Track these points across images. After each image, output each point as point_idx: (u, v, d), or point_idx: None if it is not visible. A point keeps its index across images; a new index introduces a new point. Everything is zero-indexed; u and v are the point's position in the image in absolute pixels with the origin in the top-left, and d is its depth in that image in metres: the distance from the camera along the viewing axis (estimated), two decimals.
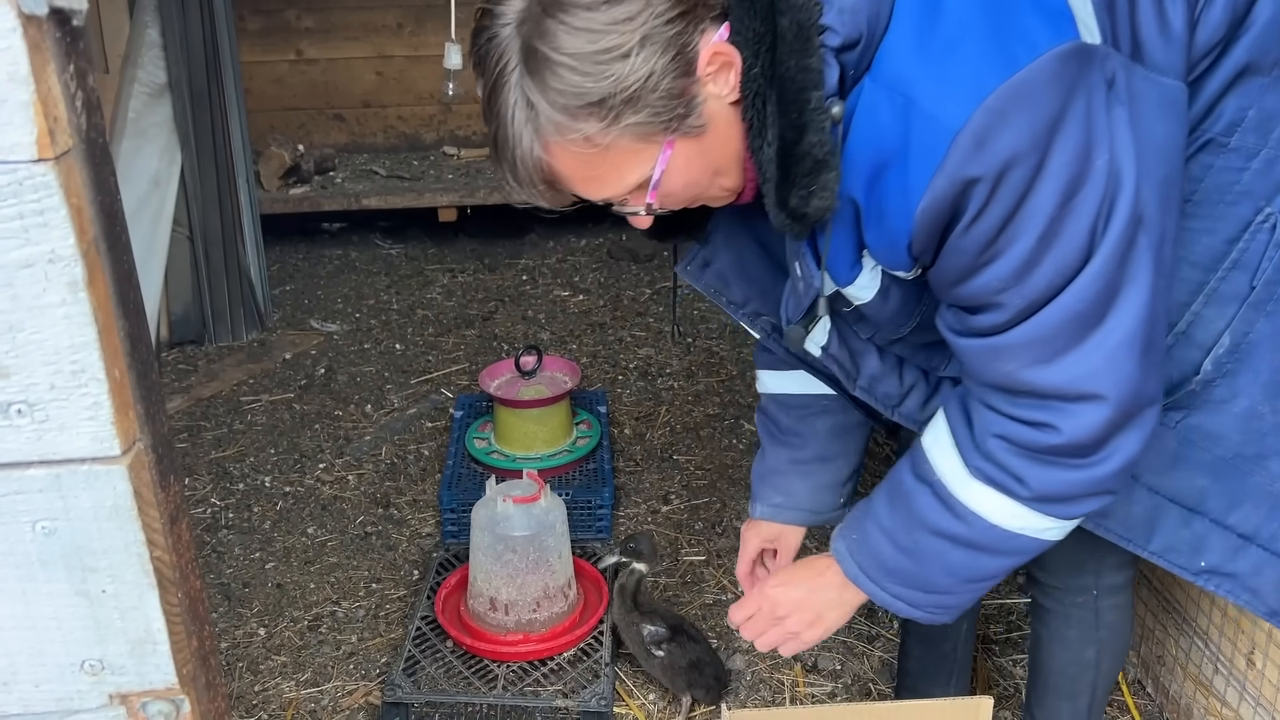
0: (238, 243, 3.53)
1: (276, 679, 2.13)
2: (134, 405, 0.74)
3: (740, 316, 1.42)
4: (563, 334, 3.64)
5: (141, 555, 0.75)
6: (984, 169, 0.99)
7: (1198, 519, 1.30)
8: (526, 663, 1.99)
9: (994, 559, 1.24)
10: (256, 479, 2.83)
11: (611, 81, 1.00)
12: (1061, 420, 1.11)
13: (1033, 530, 1.21)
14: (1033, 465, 1.15)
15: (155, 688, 0.79)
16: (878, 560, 1.29)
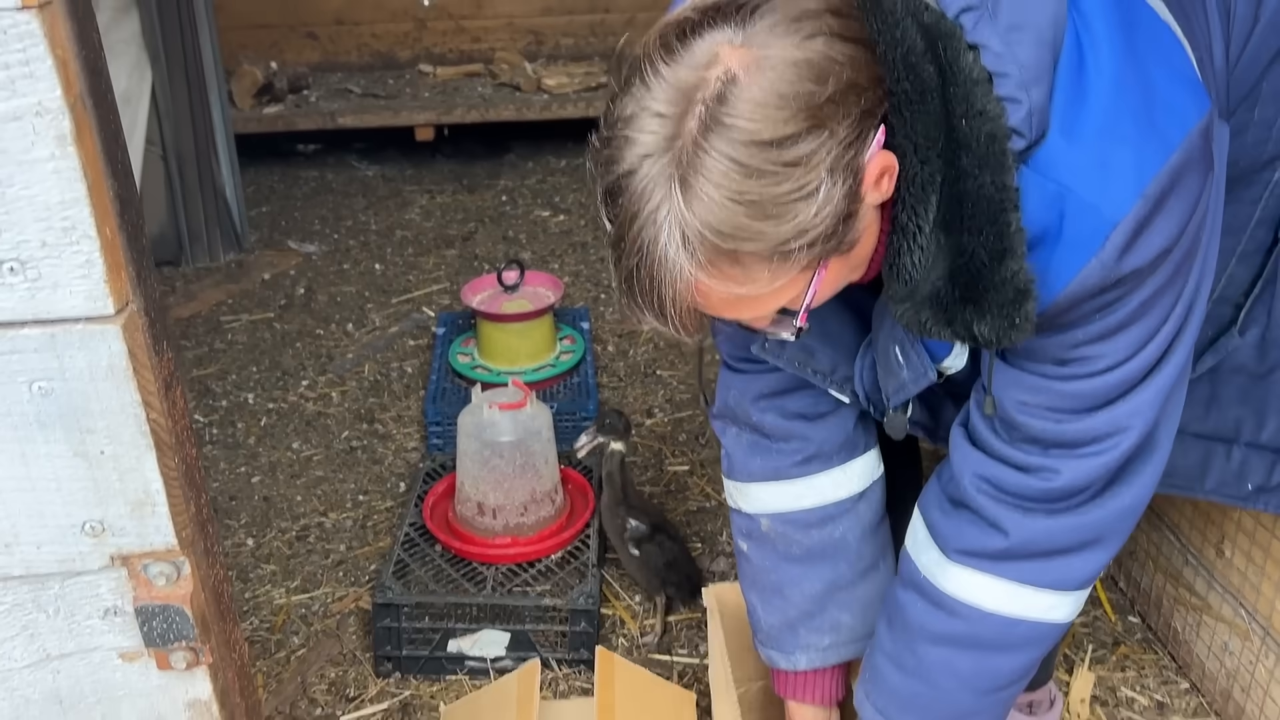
0: (212, 162, 3.48)
1: (266, 586, 2.15)
2: (126, 267, 0.74)
3: (828, 385, 1.27)
4: (544, 253, 3.63)
5: (138, 417, 0.75)
6: (1141, 261, 0.95)
7: (1237, 448, 1.35)
8: (514, 565, 2.02)
9: (1004, 656, 1.15)
10: (239, 396, 2.83)
11: (792, 226, 0.88)
12: (1065, 465, 1.07)
13: (1035, 612, 1.13)
14: (1014, 512, 1.10)
15: (156, 549, 0.80)
16: (892, 694, 1.20)
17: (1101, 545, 1.12)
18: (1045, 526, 1.09)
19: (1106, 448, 1.06)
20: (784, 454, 1.31)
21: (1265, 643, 1.62)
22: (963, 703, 1.17)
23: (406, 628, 1.90)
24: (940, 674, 1.16)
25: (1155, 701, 1.83)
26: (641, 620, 2.04)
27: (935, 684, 1.17)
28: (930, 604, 1.16)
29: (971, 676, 1.16)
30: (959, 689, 1.16)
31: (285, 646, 2.00)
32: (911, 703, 1.19)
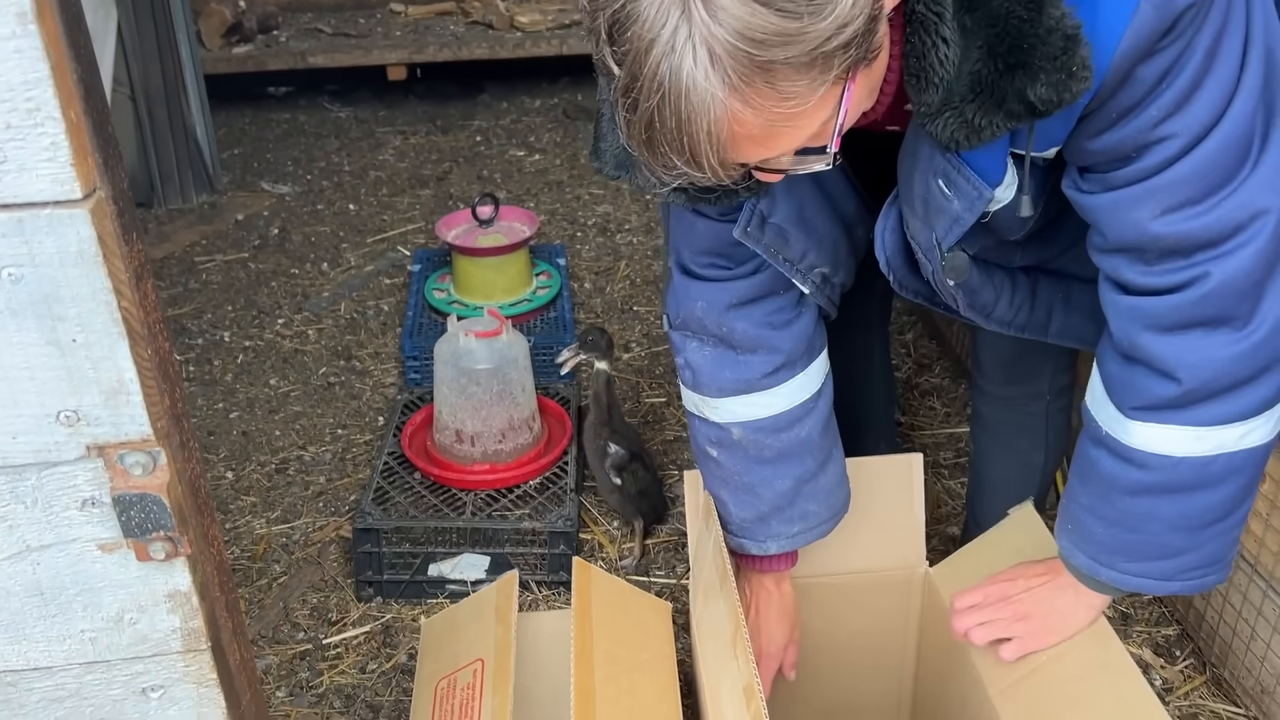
0: (182, 102, 3.44)
1: (247, 517, 2.17)
2: (92, 153, 0.74)
3: (794, 273, 1.26)
4: (519, 192, 3.62)
5: (110, 304, 0.76)
6: (1180, 7, 0.89)
7: None
8: (493, 491, 2.04)
9: (1206, 493, 1.10)
10: (215, 334, 2.82)
11: (830, 23, 0.80)
12: (1211, 266, 1.00)
13: (1228, 445, 1.07)
14: (1179, 343, 1.03)
15: (131, 439, 0.81)
16: (1100, 544, 1.18)
17: (1275, 368, 1.04)
18: (1215, 360, 1.02)
19: (1249, 236, 0.98)
20: (753, 365, 1.31)
21: None
22: (1176, 542, 1.14)
23: (387, 553, 1.92)
24: (1144, 521, 1.13)
25: (1119, 612, 1.88)
26: (620, 544, 2.07)
27: (1141, 530, 1.14)
28: (1119, 459, 1.12)
29: (1177, 519, 1.12)
30: (1167, 531, 1.13)
31: (267, 574, 2.02)
32: (1122, 550, 1.16)
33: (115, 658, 0.90)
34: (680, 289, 1.33)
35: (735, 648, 1.19)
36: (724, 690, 1.20)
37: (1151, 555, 1.15)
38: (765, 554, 1.40)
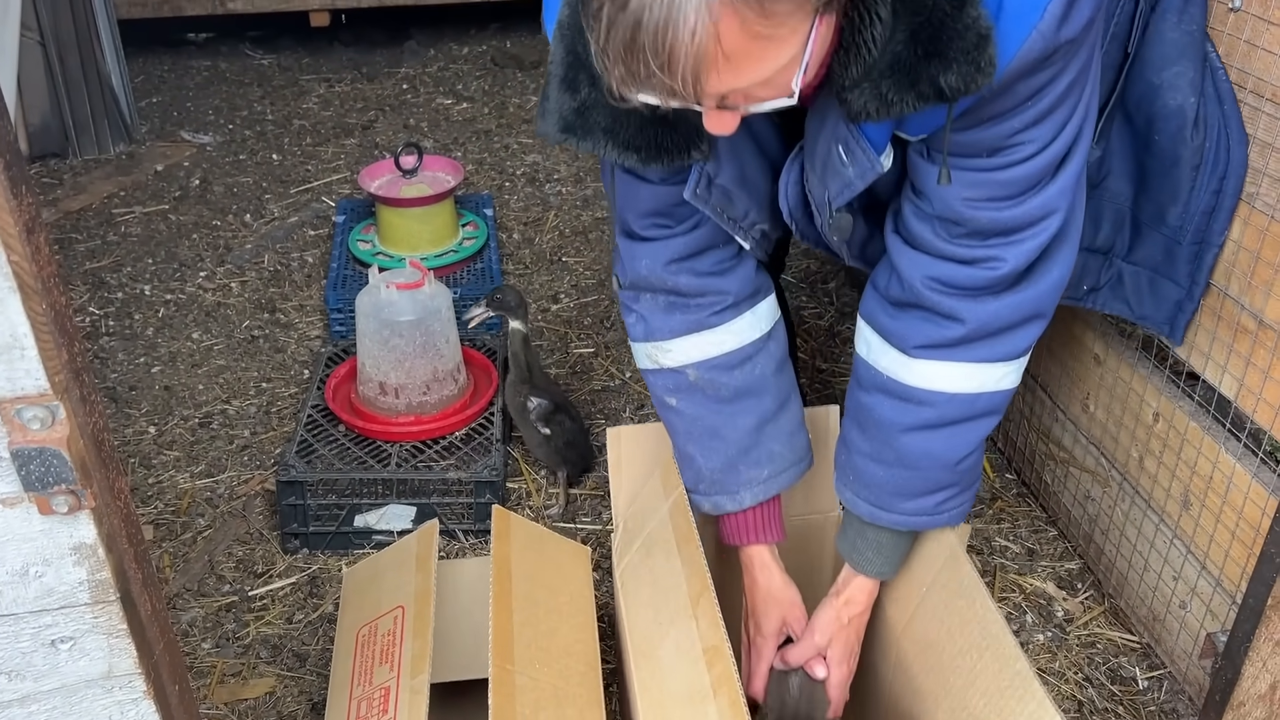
0: (95, 49, 3.33)
1: (170, 472, 2.15)
2: None
3: (736, 231, 1.33)
4: (446, 141, 3.58)
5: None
6: (1073, 32, 1.03)
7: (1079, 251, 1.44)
8: (419, 443, 2.05)
9: (970, 428, 1.27)
10: (135, 288, 2.77)
11: None
12: (1007, 252, 1.17)
13: (990, 384, 1.25)
14: (966, 301, 1.20)
15: (28, 393, 0.81)
16: (880, 487, 1.32)
17: (1040, 318, 1.24)
18: (995, 309, 1.20)
19: (1040, 230, 1.17)
20: (702, 308, 1.37)
21: (1122, 487, 1.74)
22: (942, 478, 1.30)
23: (312, 505, 1.93)
24: (919, 458, 1.28)
25: (1026, 549, 1.96)
26: (545, 491, 2.10)
27: (916, 467, 1.29)
28: (898, 400, 1.27)
29: (946, 452, 1.28)
30: (937, 466, 1.29)
31: (191, 528, 2.02)
32: (899, 489, 1.31)
33: (22, 610, 0.90)
34: (626, 252, 1.38)
35: (696, 608, 1.22)
36: (667, 645, 1.22)
37: (924, 490, 1.31)
38: (741, 507, 1.40)
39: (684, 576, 1.26)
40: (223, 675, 1.71)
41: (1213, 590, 1.54)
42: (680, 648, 1.19)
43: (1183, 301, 1.53)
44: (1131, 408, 1.70)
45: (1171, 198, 1.47)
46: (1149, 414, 1.65)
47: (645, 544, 1.37)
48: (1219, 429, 1.52)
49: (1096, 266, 1.56)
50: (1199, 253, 1.49)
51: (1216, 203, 1.45)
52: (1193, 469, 1.56)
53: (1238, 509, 1.46)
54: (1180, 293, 1.52)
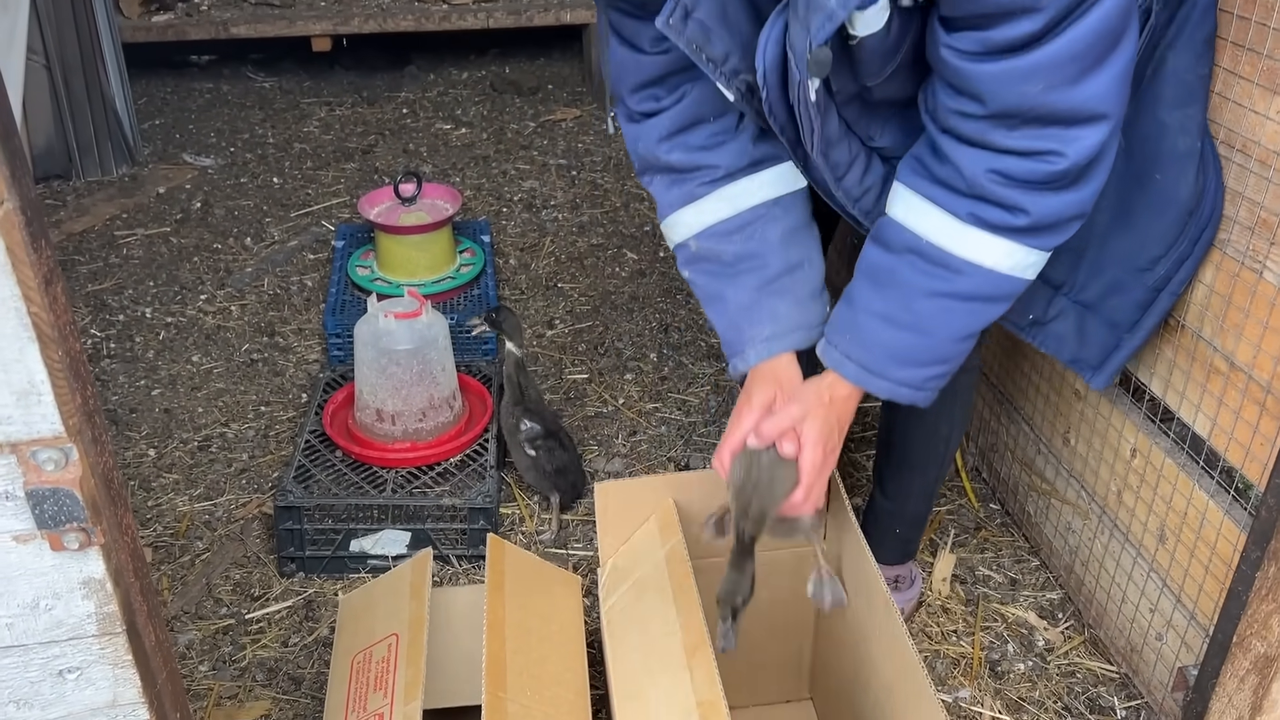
0: (99, 72, 3.38)
1: (170, 494, 2.19)
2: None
3: (718, 76, 1.30)
4: (445, 167, 3.63)
5: (19, 310, 0.80)
6: None
7: None
8: (414, 469, 2.09)
9: (991, 307, 1.28)
10: (136, 310, 2.81)
11: None
12: (1067, 145, 1.15)
13: (1021, 269, 1.26)
14: (1030, 194, 1.19)
15: (43, 436, 0.85)
16: (882, 349, 1.30)
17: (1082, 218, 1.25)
18: (1056, 205, 1.20)
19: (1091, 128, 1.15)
20: (695, 180, 1.40)
21: (1101, 520, 1.79)
22: (946, 351, 1.31)
23: (309, 529, 1.97)
24: (936, 326, 1.28)
25: (1009, 578, 2.00)
26: (539, 516, 2.14)
27: (929, 334, 1.28)
28: (931, 264, 1.26)
29: (961, 326, 1.29)
30: (947, 337, 1.29)
31: (190, 551, 2.05)
32: (901, 354, 1.29)
33: (31, 641, 0.94)
34: (629, 135, 1.43)
35: (692, 659, 1.24)
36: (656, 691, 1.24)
37: (925, 361, 1.30)
38: (749, 366, 1.40)
39: (679, 626, 1.30)
40: (219, 698, 1.75)
41: (1187, 623, 1.58)
42: (671, 696, 1.22)
43: (1118, 348, 1.54)
44: (1111, 443, 1.74)
45: (1158, 240, 1.46)
46: (1127, 449, 1.70)
47: (637, 586, 1.41)
48: (1193, 466, 1.56)
49: (1044, 298, 1.54)
50: (1155, 300, 1.50)
51: (1192, 251, 1.47)
52: (1168, 504, 1.60)
53: (1211, 544, 1.51)
54: (1117, 338, 1.53)
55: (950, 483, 2.23)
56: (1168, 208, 1.44)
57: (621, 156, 3.70)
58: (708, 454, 2.34)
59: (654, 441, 2.38)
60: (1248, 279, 1.40)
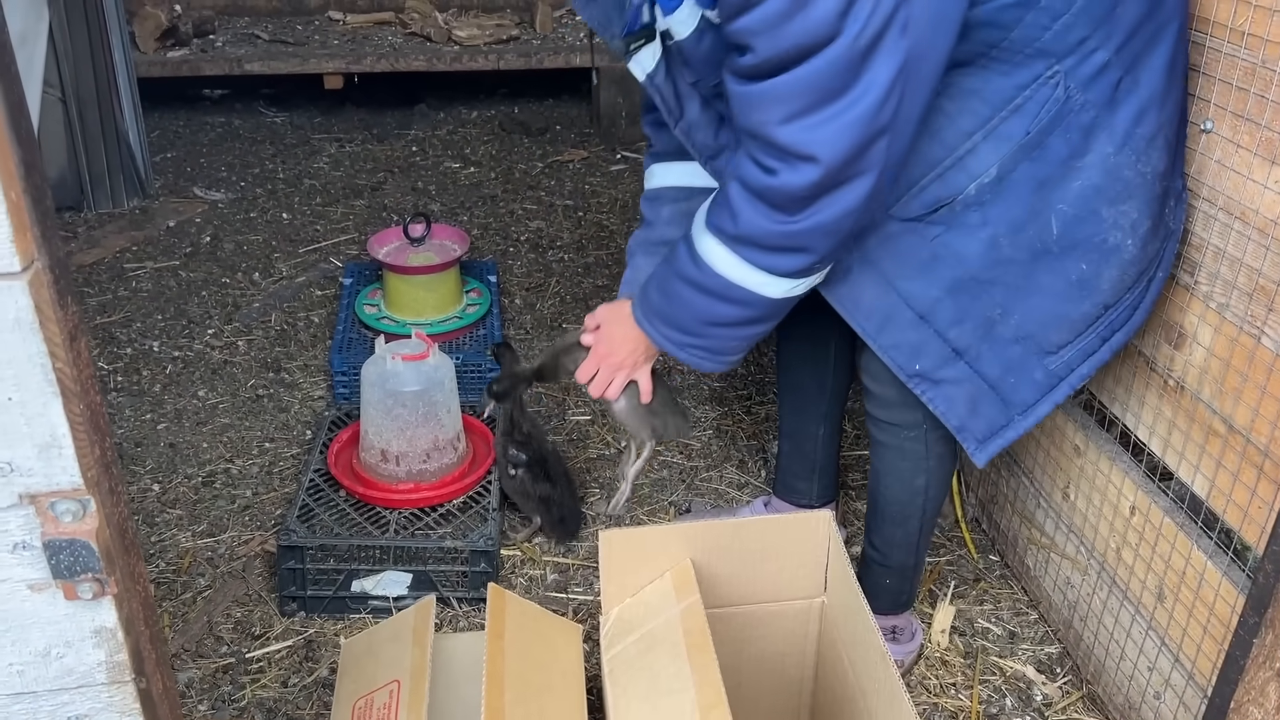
0: (114, 106, 3.43)
1: (173, 530, 2.20)
2: (31, 227, 0.79)
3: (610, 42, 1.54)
4: (453, 205, 3.67)
5: (45, 366, 0.81)
6: None
7: (924, 325, 1.51)
8: (417, 510, 2.10)
9: (723, 305, 1.50)
10: (144, 344, 2.84)
11: None
12: (782, 168, 1.31)
13: (750, 283, 1.45)
14: (746, 203, 1.37)
15: (62, 489, 0.86)
16: (651, 305, 1.60)
17: (803, 253, 1.40)
18: (763, 219, 1.37)
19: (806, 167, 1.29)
20: (648, 150, 1.82)
21: (1100, 576, 1.79)
22: (692, 325, 1.56)
23: (311, 569, 1.97)
24: (679, 303, 1.54)
25: (1008, 631, 2.00)
26: (539, 560, 2.14)
27: (675, 307, 1.56)
28: (688, 254, 1.50)
29: (700, 311, 1.52)
30: (689, 316, 1.54)
31: (191, 588, 2.06)
32: (659, 313, 1.59)
33: (41, 689, 0.95)
34: None
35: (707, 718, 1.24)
36: None
37: (676, 327, 1.58)
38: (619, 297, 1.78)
39: (693, 683, 1.30)
40: None
41: (1185, 683, 1.58)
42: None
43: (1006, 427, 1.56)
44: (1110, 499, 1.75)
45: (1067, 327, 1.48)
46: (1126, 506, 1.71)
47: (645, 640, 1.41)
48: (1192, 526, 1.58)
49: (939, 355, 1.52)
50: (1054, 387, 1.52)
51: (1099, 348, 1.50)
52: (1167, 563, 1.61)
53: (1209, 605, 1.52)
54: (1008, 417, 1.55)
55: (950, 533, 2.24)
56: (1083, 298, 1.47)
57: (628, 198, 3.73)
58: (710, 499, 2.35)
59: (655, 485, 2.39)
60: (1246, 344, 1.42)
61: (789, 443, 2.12)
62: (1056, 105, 1.37)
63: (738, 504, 2.34)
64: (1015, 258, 1.44)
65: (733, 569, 1.53)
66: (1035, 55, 1.35)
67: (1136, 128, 1.40)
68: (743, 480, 2.41)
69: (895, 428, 1.69)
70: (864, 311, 1.54)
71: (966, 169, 1.41)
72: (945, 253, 1.46)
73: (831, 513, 1.53)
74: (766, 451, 2.48)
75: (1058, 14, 1.32)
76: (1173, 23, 1.39)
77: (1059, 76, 1.36)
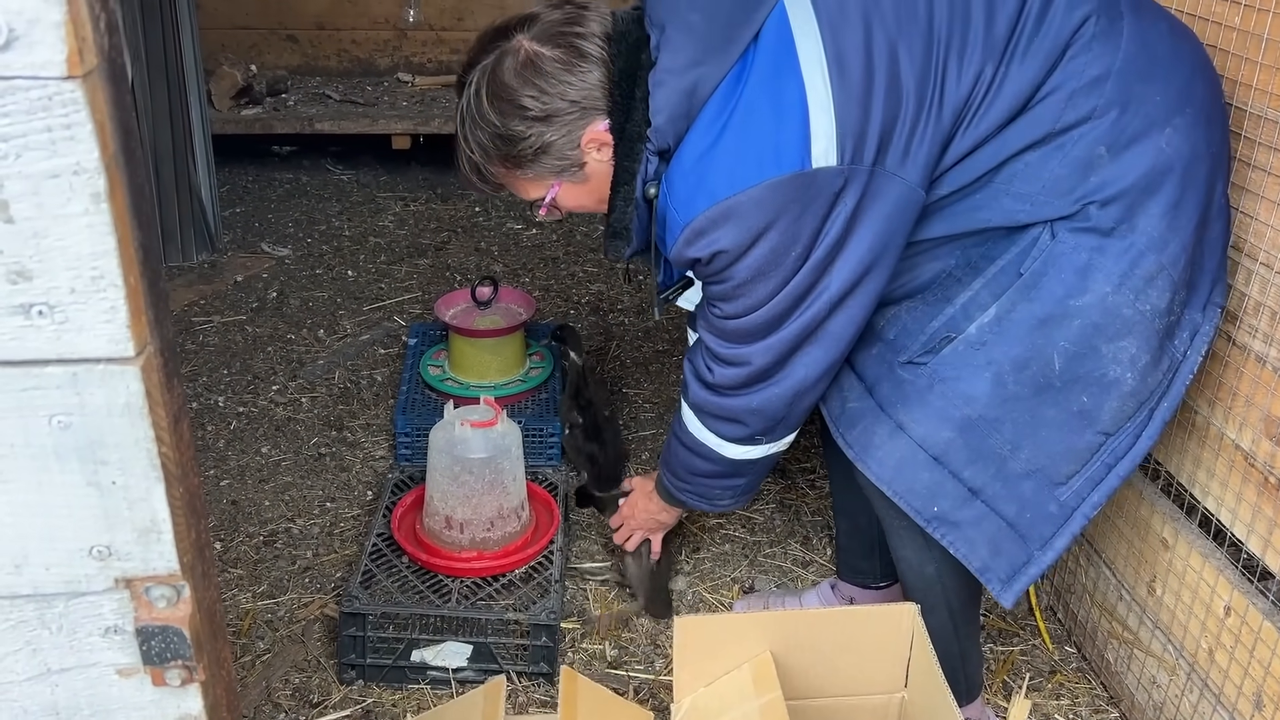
0: (189, 162, 3.50)
1: (233, 590, 2.19)
2: (146, 311, 0.79)
3: None
4: (515, 266, 3.69)
5: (150, 451, 0.81)
6: (699, 253, 1.47)
7: (939, 467, 1.51)
8: (479, 579, 2.07)
9: (697, 460, 1.79)
10: (210, 399, 2.86)
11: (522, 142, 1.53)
12: (715, 367, 1.64)
13: (710, 444, 1.74)
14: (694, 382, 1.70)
15: (158, 573, 0.85)
16: (663, 452, 1.90)
17: (741, 425, 1.68)
18: (707, 399, 1.68)
19: (739, 367, 1.60)
20: None
21: (1191, 678, 1.72)
22: (680, 473, 1.86)
23: (371, 636, 1.95)
24: (672, 454, 1.86)
25: None
26: (596, 635, 2.10)
27: (670, 457, 1.87)
28: (678, 415, 1.80)
29: (685, 462, 1.82)
30: (680, 465, 1.84)
31: (251, 651, 2.04)
32: (664, 463, 1.91)
33: None
34: None
35: None
36: None
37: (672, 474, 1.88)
38: None
39: None
40: None
41: None
42: None
43: (1028, 564, 1.53)
44: (1202, 597, 1.68)
45: (1072, 457, 1.50)
46: (1220, 606, 1.64)
47: None
48: None
49: (957, 497, 1.52)
50: (1068, 519, 1.51)
51: (1105, 476, 1.49)
52: (1266, 669, 1.53)
53: None
54: (1028, 554, 1.53)
55: (1023, 621, 2.17)
56: (1085, 428, 1.48)
57: None
58: (774, 576, 2.30)
59: (718, 559, 2.34)
60: None
61: (844, 520, 2.08)
62: (1046, 248, 1.44)
63: (802, 582, 2.28)
64: (1020, 394, 1.47)
65: (810, 660, 1.48)
66: (1020, 229, 1.47)
67: (1135, 269, 1.43)
68: (807, 558, 2.36)
69: (893, 516, 1.63)
70: (877, 459, 1.54)
71: (965, 312, 1.48)
72: (954, 393, 1.49)
73: (916, 606, 1.48)
74: (832, 528, 2.43)
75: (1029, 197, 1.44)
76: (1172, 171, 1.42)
77: (1048, 227, 1.44)
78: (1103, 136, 1.41)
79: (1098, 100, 1.40)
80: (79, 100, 0.70)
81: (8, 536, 0.82)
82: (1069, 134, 1.41)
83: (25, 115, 0.69)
